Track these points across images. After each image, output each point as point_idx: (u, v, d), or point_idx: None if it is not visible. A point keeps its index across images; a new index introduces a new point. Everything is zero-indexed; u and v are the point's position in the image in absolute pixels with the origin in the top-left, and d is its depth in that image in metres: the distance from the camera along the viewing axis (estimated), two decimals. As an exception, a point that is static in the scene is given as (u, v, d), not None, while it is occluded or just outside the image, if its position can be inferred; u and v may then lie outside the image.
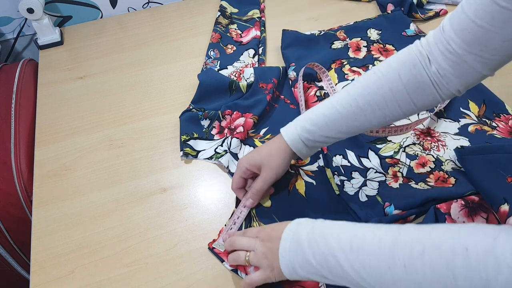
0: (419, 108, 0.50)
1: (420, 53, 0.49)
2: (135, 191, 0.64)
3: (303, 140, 0.54)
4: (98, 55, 0.90)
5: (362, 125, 0.52)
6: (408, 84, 0.49)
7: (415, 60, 0.49)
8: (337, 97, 0.53)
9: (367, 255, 0.39)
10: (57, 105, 0.79)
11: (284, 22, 0.95)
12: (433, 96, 0.49)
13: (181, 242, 0.58)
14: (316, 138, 0.54)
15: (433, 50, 0.47)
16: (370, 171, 0.64)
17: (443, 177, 0.62)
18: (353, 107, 0.51)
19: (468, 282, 0.32)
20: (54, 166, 0.68)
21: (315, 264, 0.42)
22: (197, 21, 0.98)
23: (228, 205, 0.62)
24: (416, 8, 0.93)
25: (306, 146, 0.55)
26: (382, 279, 0.37)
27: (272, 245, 0.47)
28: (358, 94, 0.51)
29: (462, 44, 0.44)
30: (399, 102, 0.50)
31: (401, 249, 0.37)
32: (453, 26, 0.45)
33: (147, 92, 0.81)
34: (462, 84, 0.47)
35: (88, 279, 0.54)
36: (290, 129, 0.56)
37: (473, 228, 0.34)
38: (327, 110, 0.53)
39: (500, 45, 0.42)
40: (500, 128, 0.69)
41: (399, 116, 0.51)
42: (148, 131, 0.73)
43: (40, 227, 0.60)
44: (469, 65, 0.45)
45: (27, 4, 0.83)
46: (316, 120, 0.53)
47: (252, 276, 0.49)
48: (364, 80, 0.51)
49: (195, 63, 0.86)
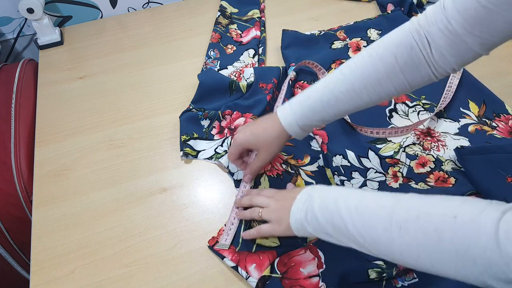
0: (412, 87, 0.51)
1: (417, 33, 0.48)
2: (135, 191, 0.64)
3: (300, 125, 0.56)
4: (98, 55, 0.90)
5: (358, 107, 0.53)
6: (404, 67, 0.49)
7: (412, 41, 0.48)
8: (333, 80, 0.53)
9: (368, 217, 0.42)
10: (57, 105, 0.79)
11: (284, 22, 0.95)
12: (428, 76, 0.49)
13: (181, 242, 0.58)
14: (312, 122, 0.55)
15: (432, 29, 0.47)
16: (370, 171, 0.64)
17: (443, 177, 0.62)
18: (350, 92, 0.51)
19: (451, 245, 0.35)
20: (54, 166, 0.68)
21: (323, 222, 0.46)
22: (197, 21, 0.98)
23: (228, 205, 0.62)
24: (416, 8, 0.93)
25: (302, 129, 0.56)
26: (378, 239, 0.41)
27: (286, 203, 0.52)
28: (355, 78, 0.51)
29: (464, 23, 0.44)
30: (394, 83, 0.50)
31: (398, 214, 0.40)
32: (456, 5, 0.44)
33: (147, 92, 0.81)
34: (458, 63, 0.47)
35: (88, 279, 0.54)
36: (287, 113, 0.56)
37: (465, 200, 0.38)
38: (325, 96, 0.53)
39: (501, 27, 0.42)
40: (500, 128, 0.69)
41: (392, 95, 0.52)
42: (148, 131, 0.73)
43: (40, 227, 0.60)
44: (467, 45, 0.45)
45: (27, 4, 0.83)
46: (313, 106, 0.54)
47: (260, 226, 0.54)
48: (360, 63, 0.51)
49: (195, 63, 0.86)
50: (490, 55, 0.46)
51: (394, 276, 0.52)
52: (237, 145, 0.60)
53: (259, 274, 0.53)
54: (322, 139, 0.68)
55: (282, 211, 0.52)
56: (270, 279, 0.52)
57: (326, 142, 0.67)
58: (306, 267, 0.53)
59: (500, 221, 0.33)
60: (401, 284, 0.52)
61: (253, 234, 0.55)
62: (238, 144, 0.60)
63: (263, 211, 0.54)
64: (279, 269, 0.53)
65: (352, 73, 0.51)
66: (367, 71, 0.50)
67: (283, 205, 0.52)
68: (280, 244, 0.56)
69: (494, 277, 0.33)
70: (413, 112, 0.73)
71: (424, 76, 0.49)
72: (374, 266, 0.52)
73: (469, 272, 0.34)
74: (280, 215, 0.52)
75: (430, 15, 0.47)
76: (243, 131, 0.60)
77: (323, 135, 0.68)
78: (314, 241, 0.56)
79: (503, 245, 0.32)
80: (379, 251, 0.42)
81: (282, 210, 0.52)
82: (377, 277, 0.51)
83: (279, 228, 0.52)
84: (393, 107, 0.74)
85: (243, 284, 0.53)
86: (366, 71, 0.50)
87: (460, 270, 0.35)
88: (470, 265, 0.34)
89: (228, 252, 0.55)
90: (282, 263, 0.54)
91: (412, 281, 0.52)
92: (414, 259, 0.38)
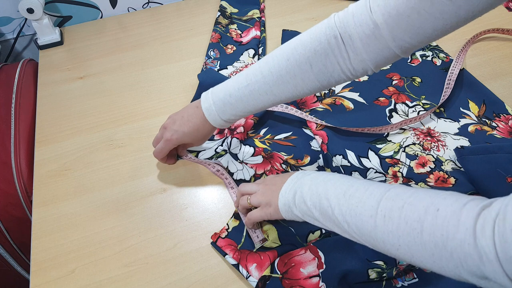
0: (325, 88, 0.53)
1: (335, 39, 0.47)
2: (135, 191, 0.64)
3: (224, 119, 0.57)
4: (98, 55, 0.90)
5: (280, 102, 0.55)
6: (319, 74, 0.50)
7: (327, 50, 0.48)
8: (254, 80, 0.53)
9: (355, 202, 0.43)
10: (57, 105, 0.79)
11: (284, 22, 0.95)
12: (341, 79, 0.51)
13: (181, 242, 0.58)
14: (236, 117, 0.57)
15: (353, 33, 0.46)
16: (370, 171, 0.64)
17: (443, 177, 0.62)
18: (268, 94, 0.53)
19: (431, 236, 0.36)
20: (54, 166, 0.68)
21: (310, 205, 0.47)
22: (197, 21, 0.98)
23: (228, 205, 0.62)
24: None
25: (227, 122, 0.58)
26: (362, 226, 0.42)
27: (274, 187, 0.52)
28: (273, 81, 0.52)
29: (393, 29, 0.43)
30: (309, 87, 0.52)
31: (385, 203, 0.41)
32: (387, 9, 0.42)
33: (147, 92, 0.81)
34: (376, 66, 0.48)
35: (88, 279, 0.54)
36: (213, 112, 0.57)
37: (450, 195, 0.38)
38: (245, 97, 0.54)
39: (429, 34, 0.42)
40: (500, 128, 0.69)
41: (307, 94, 0.54)
42: (148, 131, 0.73)
43: (40, 227, 0.60)
44: (390, 50, 0.45)
45: (27, 4, 0.83)
46: (235, 104, 0.55)
47: (251, 212, 0.55)
48: (277, 66, 0.51)
49: (195, 63, 0.86)
50: (490, 55, 0.46)
51: (394, 276, 0.52)
52: (171, 145, 0.61)
53: (259, 274, 0.53)
54: (322, 139, 0.68)
55: (271, 193, 0.52)
56: (270, 279, 0.52)
57: (326, 142, 0.67)
58: (306, 267, 0.53)
59: (479, 216, 0.33)
60: (401, 284, 0.52)
61: (246, 222, 0.56)
62: (173, 144, 0.61)
63: (251, 197, 0.55)
64: (279, 269, 0.53)
65: (270, 75, 0.52)
66: (284, 76, 0.51)
67: (272, 188, 0.53)
68: (280, 244, 0.56)
69: (468, 271, 0.33)
70: (413, 112, 0.73)
71: (338, 79, 0.51)
72: (374, 266, 0.52)
73: (445, 264, 0.35)
74: (269, 198, 0.52)
75: (355, 17, 0.46)
76: (175, 132, 0.60)
77: (323, 135, 0.68)
78: (314, 241, 0.56)
79: (479, 239, 0.32)
80: (362, 237, 0.42)
81: (271, 192, 0.52)
82: (377, 277, 0.51)
83: (269, 210, 0.52)
84: (393, 107, 0.74)
85: (243, 284, 0.53)
86: (283, 75, 0.51)
87: (437, 261, 0.36)
88: (447, 257, 0.35)
89: (230, 249, 0.55)
90: (283, 263, 0.54)
91: (412, 281, 0.52)
92: (395, 248, 0.39)
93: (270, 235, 0.56)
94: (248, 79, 0.54)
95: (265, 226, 0.58)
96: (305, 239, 0.57)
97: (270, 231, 0.57)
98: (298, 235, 0.57)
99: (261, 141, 0.70)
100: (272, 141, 0.70)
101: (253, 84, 0.53)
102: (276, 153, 0.68)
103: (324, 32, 0.49)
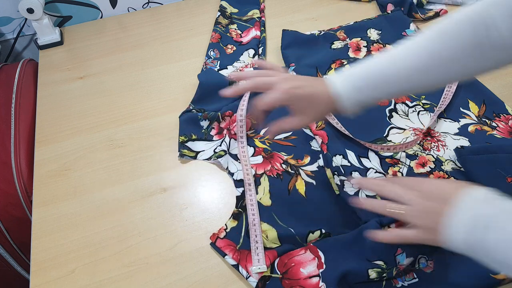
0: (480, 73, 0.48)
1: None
2: (135, 191, 0.64)
3: (358, 105, 0.50)
4: (98, 55, 0.90)
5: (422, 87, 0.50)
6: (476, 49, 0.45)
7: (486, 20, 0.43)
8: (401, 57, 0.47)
9: None
10: (57, 105, 0.79)
11: (284, 22, 0.95)
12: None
13: (181, 242, 0.58)
14: (370, 103, 0.50)
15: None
16: (370, 171, 0.64)
17: (443, 177, 0.62)
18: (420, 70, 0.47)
19: None
20: (54, 166, 0.68)
21: (501, 255, 0.37)
22: (197, 21, 0.98)
23: (228, 205, 0.62)
24: (416, 8, 0.93)
25: (359, 107, 0.50)
26: None
27: (438, 207, 0.41)
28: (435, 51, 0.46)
29: None
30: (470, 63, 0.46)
31: None
32: None
33: (147, 92, 0.81)
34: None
35: (88, 279, 0.54)
36: (349, 94, 0.49)
37: None
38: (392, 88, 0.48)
39: None
40: (500, 128, 0.69)
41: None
42: (148, 131, 0.73)
43: (40, 227, 0.60)
44: None
45: (27, 4, 0.83)
46: (380, 90, 0.49)
47: (405, 232, 0.44)
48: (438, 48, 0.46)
49: (195, 63, 0.86)
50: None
51: (394, 276, 0.52)
52: (286, 98, 0.49)
53: (259, 274, 0.53)
54: (322, 139, 0.68)
55: (435, 217, 0.41)
56: (270, 279, 0.52)
57: (326, 142, 0.67)
58: (306, 267, 0.53)
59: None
60: (401, 284, 0.52)
61: (390, 238, 0.46)
62: (289, 97, 0.49)
63: (407, 210, 0.44)
64: (279, 269, 0.53)
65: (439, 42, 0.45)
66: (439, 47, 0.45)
67: (435, 209, 0.41)
68: (280, 244, 0.56)
69: None
70: (413, 112, 0.73)
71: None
72: (374, 266, 0.52)
73: None
74: (432, 223, 0.41)
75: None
76: (298, 86, 0.49)
77: (323, 135, 0.68)
78: (314, 241, 0.56)
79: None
80: None
81: (435, 215, 0.41)
82: (377, 277, 0.51)
83: (429, 237, 0.42)
84: (393, 107, 0.74)
85: (243, 284, 0.53)
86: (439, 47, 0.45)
87: None
88: None
89: (229, 250, 0.55)
90: (282, 263, 0.54)
91: (412, 281, 0.52)
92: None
93: (270, 235, 0.56)
94: (397, 67, 0.48)
95: (265, 226, 0.58)
96: (305, 239, 0.57)
97: (270, 231, 0.57)
98: (298, 235, 0.57)
99: (261, 141, 0.70)
100: (272, 141, 0.70)
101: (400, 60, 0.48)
102: (276, 153, 0.68)
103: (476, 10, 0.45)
